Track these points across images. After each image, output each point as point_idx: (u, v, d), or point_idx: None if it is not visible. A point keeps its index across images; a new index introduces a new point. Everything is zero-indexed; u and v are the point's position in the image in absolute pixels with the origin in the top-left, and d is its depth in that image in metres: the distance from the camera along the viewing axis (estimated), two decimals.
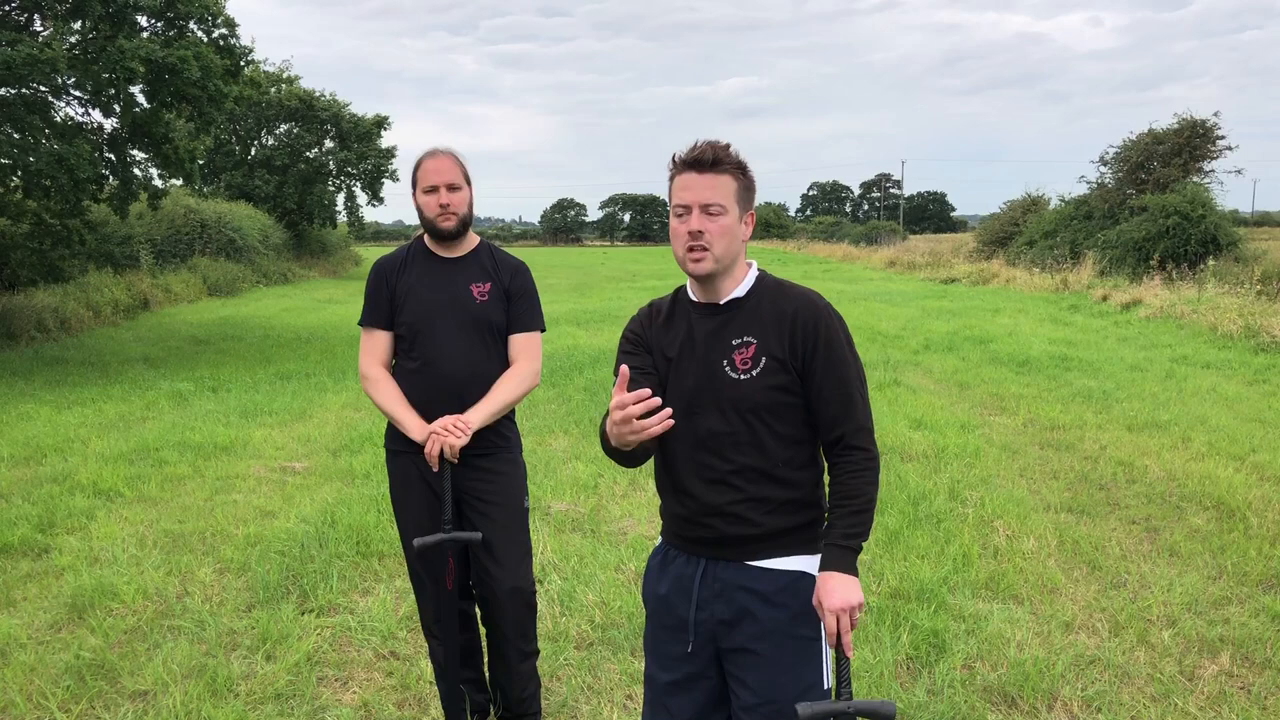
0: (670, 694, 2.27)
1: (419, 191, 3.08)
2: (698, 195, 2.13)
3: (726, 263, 2.17)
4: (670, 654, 2.27)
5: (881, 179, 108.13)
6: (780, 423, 2.15)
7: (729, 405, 2.15)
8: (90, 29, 12.79)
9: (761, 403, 2.14)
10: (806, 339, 2.13)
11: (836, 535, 2.10)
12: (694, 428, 2.18)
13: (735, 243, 2.16)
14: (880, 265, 35.43)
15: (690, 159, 2.15)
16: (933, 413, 8.46)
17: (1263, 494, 6.03)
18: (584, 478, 6.44)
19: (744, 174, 2.17)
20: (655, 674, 2.31)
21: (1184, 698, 3.60)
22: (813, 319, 2.14)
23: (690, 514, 2.21)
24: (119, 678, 3.80)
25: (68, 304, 15.72)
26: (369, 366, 3.17)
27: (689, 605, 2.21)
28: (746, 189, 2.18)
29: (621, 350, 2.34)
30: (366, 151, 36.26)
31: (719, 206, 2.13)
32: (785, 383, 2.13)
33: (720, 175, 2.13)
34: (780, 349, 2.14)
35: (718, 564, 2.20)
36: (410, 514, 3.18)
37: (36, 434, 8.04)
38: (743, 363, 2.15)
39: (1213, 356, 11.76)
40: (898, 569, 4.77)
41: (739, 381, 2.14)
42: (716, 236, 2.13)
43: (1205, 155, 25.30)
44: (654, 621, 2.32)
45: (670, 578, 2.27)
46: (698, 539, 2.22)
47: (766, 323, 2.16)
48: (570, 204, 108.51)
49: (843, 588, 2.05)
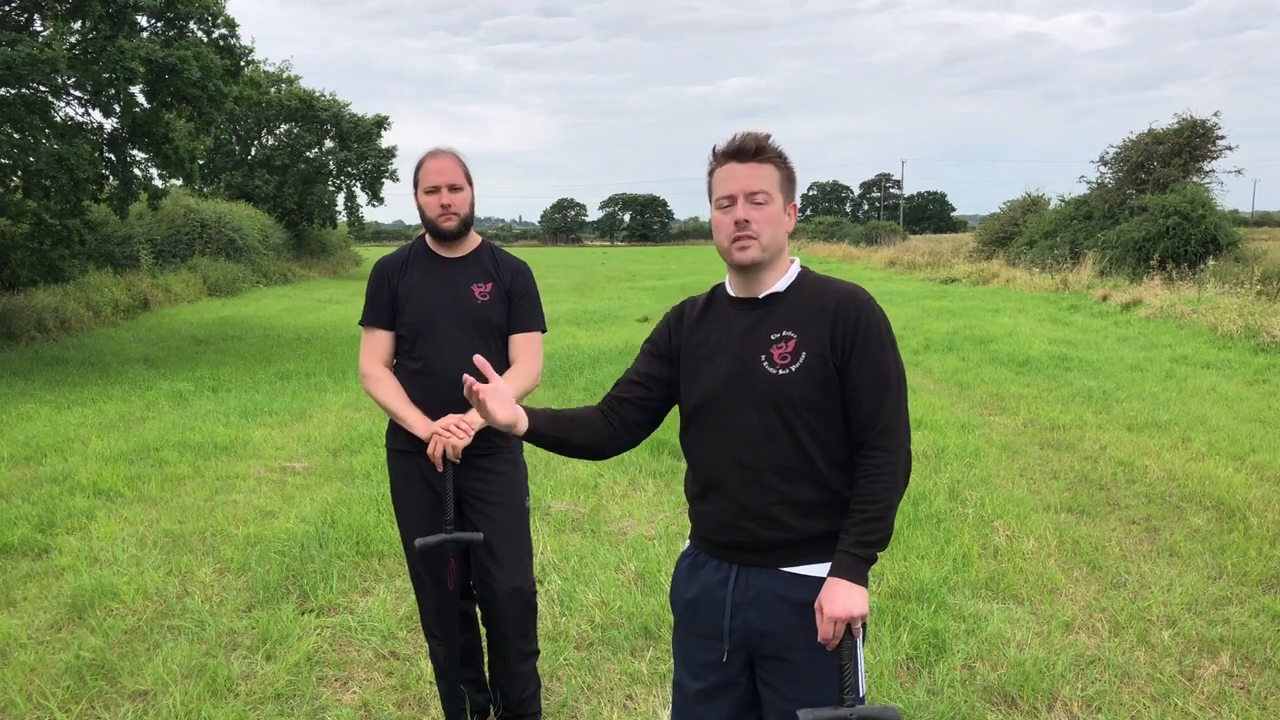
0: (699, 702, 2.21)
1: (420, 192, 3.08)
2: (742, 184, 2.10)
3: (773, 251, 2.13)
4: (701, 661, 2.20)
5: (881, 179, 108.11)
6: (820, 420, 2.08)
7: (766, 402, 2.09)
8: (90, 29, 12.79)
9: (800, 399, 2.07)
10: (847, 333, 2.07)
11: (849, 542, 2.02)
12: (729, 426, 2.13)
13: (780, 232, 2.13)
14: (880, 265, 35.43)
15: (732, 149, 2.12)
16: (933, 413, 8.46)
17: (1263, 494, 6.03)
18: (584, 478, 6.44)
19: (785, 164, 2.15)
20: (684, 681, 2.24)
21: (1184, 698, 3.60)
22: (855, 313, 2.08)
23: (724, 516, 2.14)
24: (119, 678, 3.80)
25: (68, 304, 15.72)
26: (370, 366, 3.17)
27: (721, 613, 2.15)
28: (788, 179, 2.15)
29: (641, 351, 2.33)
30: (366, 151, 36.27)
31: (764, 194, 2.09)
32: (825, 379, 2.07)
33: (763, 164, 2.11)
34: (821, 344, 2.07)
35: (750, 570, 2.13)
36: (411, 513, 3.18)
37: (36, 434, 8.04)
38: (781, 358, 2.09)
39: (1213, 356, 11.76)
40: (898, 569, 4.77)
41: (777, 377, 2.08)
42: (763, 224, 2.10)
43: (1205, 155, 25.29)
44: (683, 628, 2.26)
45: (699, 584, 2.20)
46: (731, 543, 2.15)
47: (807, 317, 2.10)
48: (570, 204, 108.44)
49: (846, 596, 1.98)
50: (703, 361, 2.19)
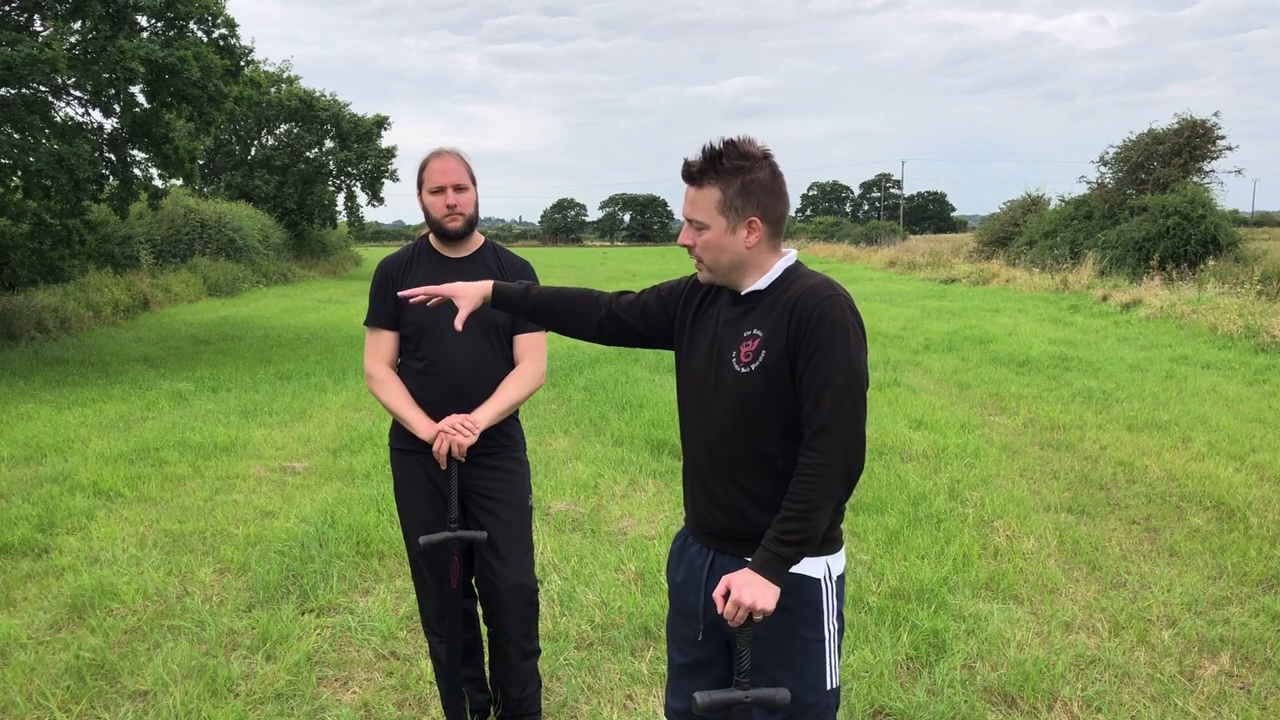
0: (684, 676, 2.33)
1: (425, 192, 3.09)
2: (687, 209, 2.15)
3: (723, 271, 2.15)
4: (685, 638, 2.32)
5: (881, 179, 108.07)
6: (779, 419, 2.09)
7: (732, 397, 2.13)
8: (90, 29, 12.79)
9: (759, 396, 2.09)
10: (800, 329, 2.04)
11: (770, 538, 2.02)
12: (704, 414, 2.19)
13: (724, 254, 2.13)
14: (880, 265, 35.44)
15: (683, 170, 2.14)
16: (933, 413, 8.46)
17: (1263, 494, 6.03)
18: (584, 478, 6.44)
19: (739, 177, 2.07)
20: (673, 656, 2.37)
21: (1184, 698, 3.60)
22: (810, 309, 2.04)
23: (698, 501, 2.25)
24: (119, 678, 3.80)
25: (68, 304, 15.71)
26: (374, 366, 3.17)
27: (699, 595, 2.24)
28: (741, 193, 2.08)
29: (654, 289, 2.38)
30: (366, 151, 36.28)
31: (699, 222, 2.12)
32: (782, 378, 2.07)
33: (703, 189, 2.10)
34: (780, 341, 2.07)
35: (724, 557, 2.21)
36: (414, 512, 3.18)
37: (36, 434, 8.04)
38: (745, 355, 2.11)
39: (1213, 356, 11.76)
40: (898, 569, 4.77)
41: (741, 374, 2.11)
42: (702, 250, 2.14)
43: (1205, 155, 25.31)
44: (672, 606, 2.37)
45: (685, 566, 2.30)
46: (706, 529, 2.24)
47: (775, 315, 2.10)
48: (570, 204, 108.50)
49: (758, 588, 1.98)
50: (695, 345, 2.25)
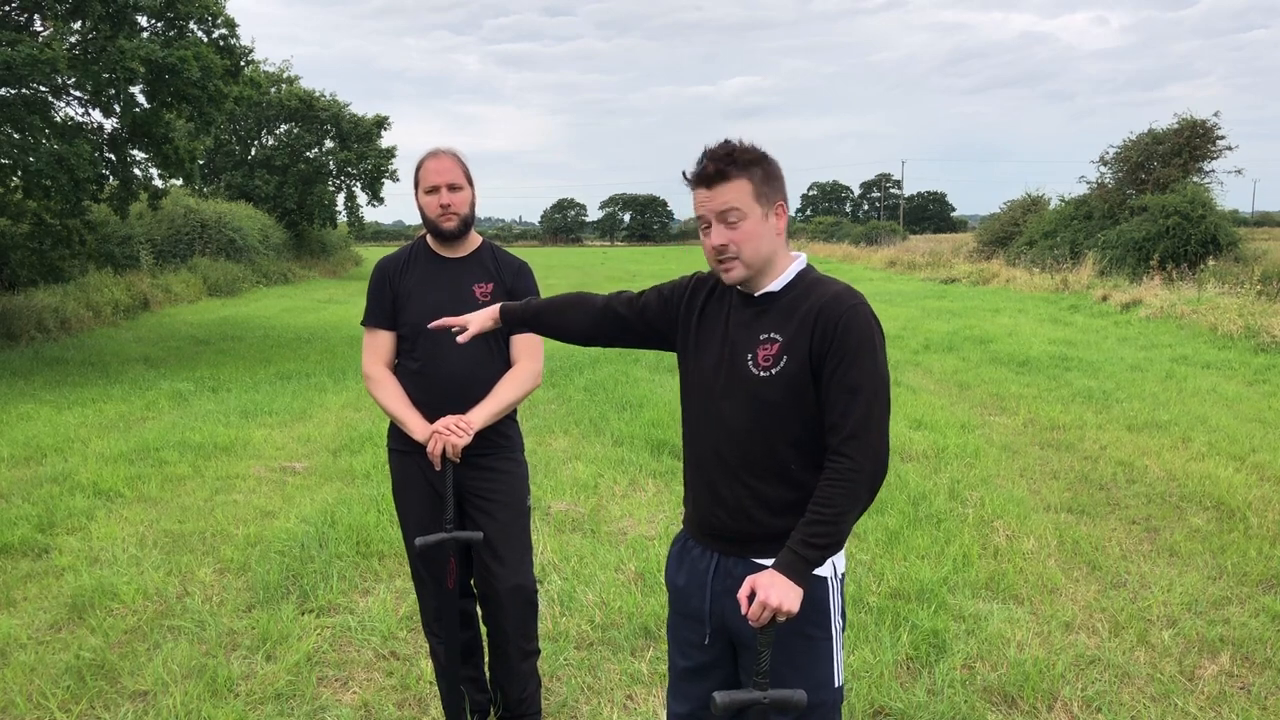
0: (686, 679, 2.30)
1: (420, 192, 3.09)
2: (712, 206, 2.09)
3: (759, 264, 2.12)
4: (688, 641, 2.29)
5: (881, 179, 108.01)
6: (797, 424, 2.09)
7: (747, 400, 2.11)
8: (90, 29, 12.79)
9: (779, 402, 2.08)
10: (826, 336, 2.04)
11: (796, 540, 2.02)
12: (712, 415, 2.17)
13: (764, 242, 2.10)
14: (880, 265, 35.43)
15: (695, 175, 2.11)
16: (933, 413, 8.46)
17: (1263, 494, 6.03)
18: (584, 478, 6.44)
19: (760, 166, 2.09)
20: (674, 659, 2.35)
21: (1184, 698, 3.60)
22: (837, 316, 2.04)
23: (702, 502, 2.22)
24: (119, 678, 3.80)
25: (68, 304, 15.72)
26: (371, 366, 3.17)
27: (704, 598, 2.22)
28: (765, 180, 2.09)
29: (654, 289, 2.38)
30: (366, 152, 36.28)
31: (736, 212, 2.07)
32: (804, 383, 2.07)
33: (731, 181, 2.06)
34: (803, 348, 2.06)
35: (728, 559, 2.19)
36: (412, 513, 3.18)
37: (36, 434, 8.04)
38: (765, 359, 2.10)
39: (1213, 357, 11.76)
40: (898, 569, 4.77)
41: (759, 378, 2.10)
42: (742, 242, 2.09)
43: (1205, 155, 25.31)
44: (673, 608, 2.35)
45: (686, 569, 2.28)
46: (709, 531, 2.21)
47: (795, 320, 2.09)
48: (570, 204, 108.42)
49: (783, 589, 1.97)
50: (702, 346, 2.23)
